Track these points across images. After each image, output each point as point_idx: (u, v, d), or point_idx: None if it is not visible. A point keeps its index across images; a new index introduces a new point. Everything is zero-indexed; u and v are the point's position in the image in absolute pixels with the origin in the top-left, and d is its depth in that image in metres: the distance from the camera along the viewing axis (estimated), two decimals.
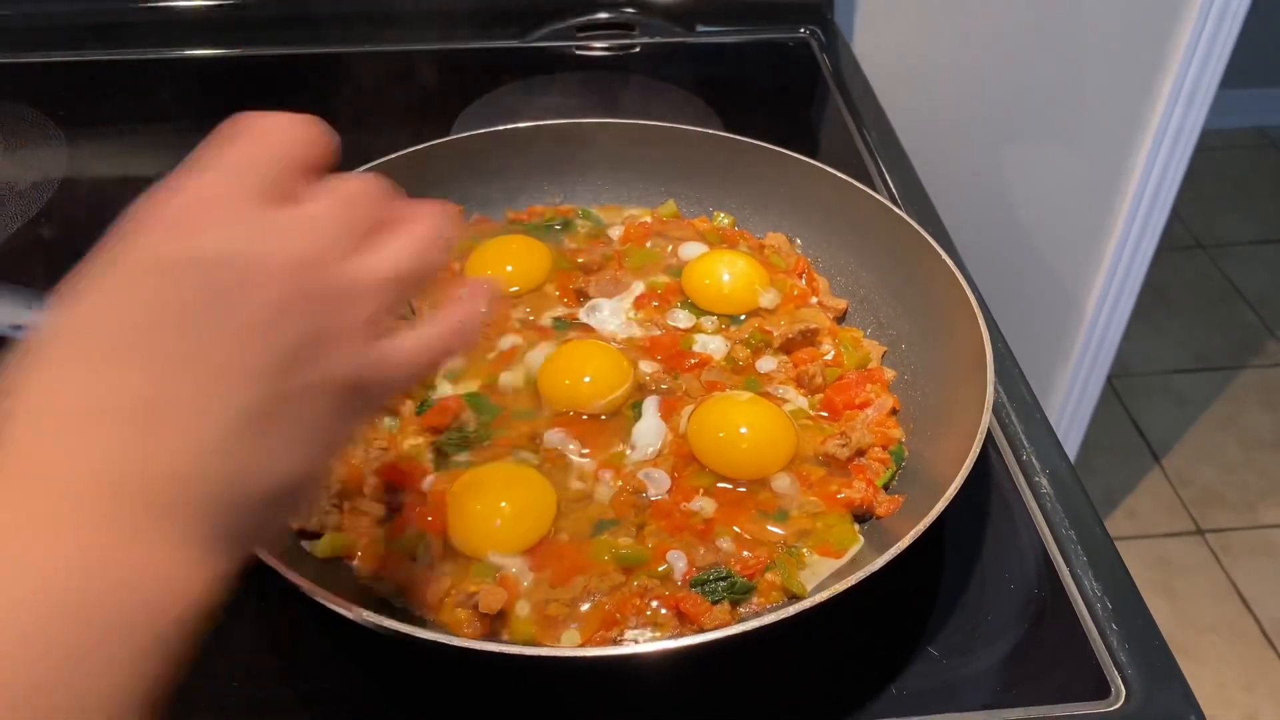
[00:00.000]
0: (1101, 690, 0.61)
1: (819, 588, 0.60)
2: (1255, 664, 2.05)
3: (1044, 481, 0.74)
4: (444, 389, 0.76)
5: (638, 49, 1.26)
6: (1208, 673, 2.03)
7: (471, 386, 0.76)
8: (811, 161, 0.87)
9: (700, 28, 1.29)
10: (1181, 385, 2.62)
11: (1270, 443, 2.48)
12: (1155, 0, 1.38)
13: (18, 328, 0.67)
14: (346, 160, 0.85)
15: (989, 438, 0.77)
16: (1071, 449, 1.91)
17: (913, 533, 0.58)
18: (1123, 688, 0.61)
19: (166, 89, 1.21)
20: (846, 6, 1.36)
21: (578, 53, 1.25)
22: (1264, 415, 2.55)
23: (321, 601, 0.55)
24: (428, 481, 0.68)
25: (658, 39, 1.27)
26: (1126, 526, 2.31)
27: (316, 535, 0.66)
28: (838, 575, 0.61)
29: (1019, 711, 0.60)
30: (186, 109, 1.18)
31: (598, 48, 1.26)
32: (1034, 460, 0.75)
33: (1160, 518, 2.32)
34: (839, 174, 0.86)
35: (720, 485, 0.69)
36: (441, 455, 0.71)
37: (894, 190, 1.02)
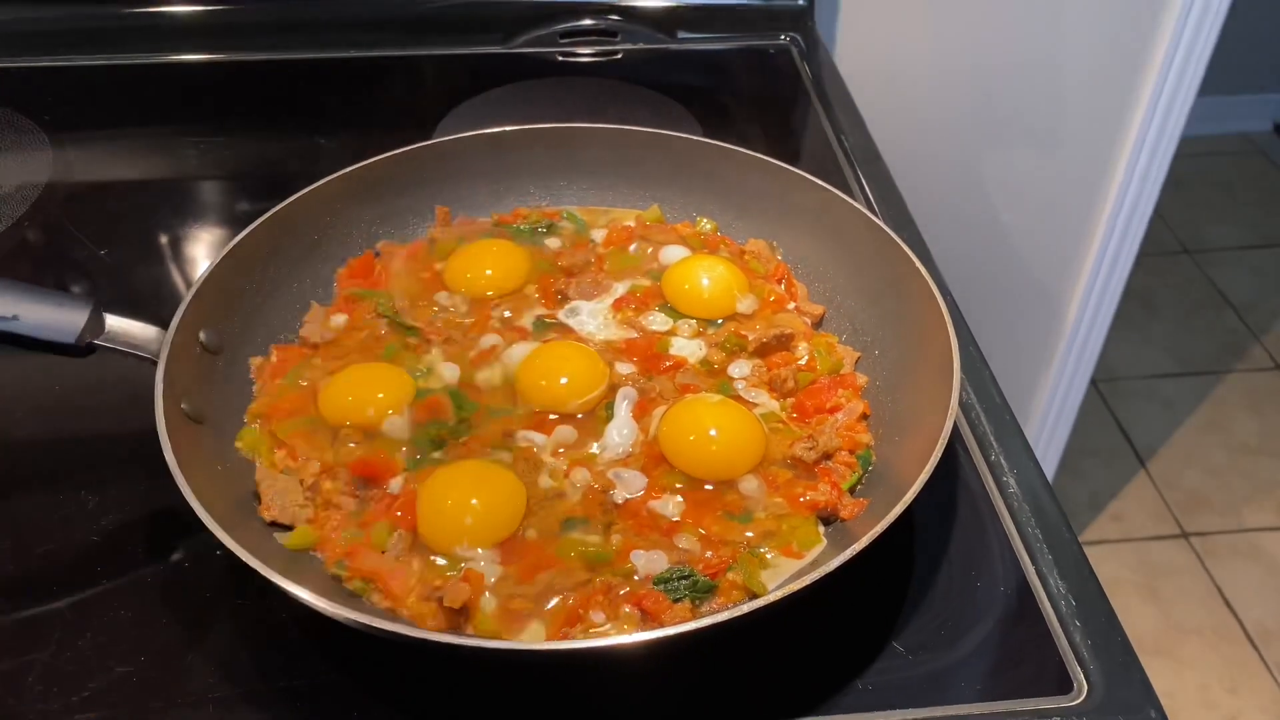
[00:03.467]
0: (1064, 685, 0.62)
1: (780, 588, 0.61)
2: (1239, 666, 2.06)
3: (1011, 481, 0.75)
4: (429, 382, 0.77)
5: (620, 55, 1.27)
6: (1192, 675, 2.05)
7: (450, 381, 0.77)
8: (794, 170, 0.88)
9: (682, 34, 1.30)
10: (1167, 390, 2.63)
11: (1254, 447, 2.50)
12: (1134, 7, 1.39)
13: (4, 319, 0.68)
14: (335, 162, 0.88)
15: (959, 439, 0.78)
16: (1056, 453, 1.91)
17: (870, 534, 0.58)
18: (1085, 683, 0.62)
19: (152, 94, 1.21)
20: (827, 14, 1.37)
21: (561, 59, 1.27)
22: (1249, 420, 2.56)
23: (288, 590, 0.56)
24: (399, 476, 0.69)
25: (640, 45, 1.28)
26: (1112, 530, 2.32)
27: (288, 528, 0.67)
28: (799, 575, 0.61)
29: (983, 706, 0.61)
30: (172, 114, 1.19)
31: (581, 54, 1.27)
32: (1002, 461, 0.76)
33: (1145, 521, 2.34)
34: (821, 182, 0.86)
35: (686, 486, 0.69)
36: (415, 449, 0.72)
37: (871, 197, 1.03)
